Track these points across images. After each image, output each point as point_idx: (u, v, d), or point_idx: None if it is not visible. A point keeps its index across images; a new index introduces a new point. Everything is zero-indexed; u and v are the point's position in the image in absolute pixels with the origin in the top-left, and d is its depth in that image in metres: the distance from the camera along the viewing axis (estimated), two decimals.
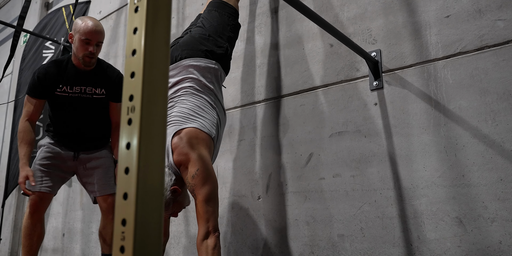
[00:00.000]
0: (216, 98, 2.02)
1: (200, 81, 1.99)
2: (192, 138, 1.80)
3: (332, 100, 2.15)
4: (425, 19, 1.89)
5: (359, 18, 2.11)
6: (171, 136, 1.82)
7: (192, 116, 1.88)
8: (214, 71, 2.05)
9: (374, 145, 1.96)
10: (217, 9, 2.18)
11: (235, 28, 2.20)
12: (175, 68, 2.05)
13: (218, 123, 1.97)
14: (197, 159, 1.74)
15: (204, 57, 2.04)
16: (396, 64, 1.95)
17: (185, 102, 1.94)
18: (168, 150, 1.81)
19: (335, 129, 2.11)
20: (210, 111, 1.95)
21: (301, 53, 2.32)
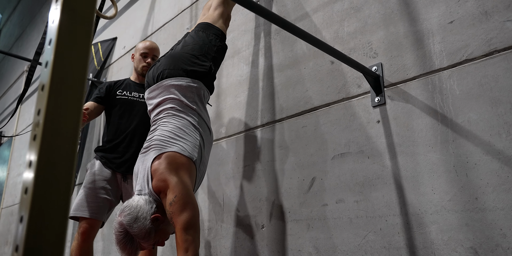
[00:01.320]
0: (200, 118, 1.86)
1: (181, 102, 1.84)
2: (171, 163, 1.64)
3: (333, 119, 1.93)
4: (427, 27, 1.67)
5: (359, 32, 1.92)
6: (151, 161, 1.67)
7: (173, 139, 1.72)
8: (196, 90, 1.90)
9: (378, 167, 1.71)
10: (204, 30, 2.06)
11: (221, 50, 2.06)
12: (156, 88, 1.91)
13: (201, 145, 1.80)
14: (175, 185, 1.57)
15: (185, 76, 1.89)
16: (398, 78, 1.73)
17: (166, 124, 1.79)
18: (147, 176, 1.65)
19: (338, 151, 1.87)
20: (192, 133, 1.78)
21: (303, 73, 2.14)
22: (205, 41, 2.01)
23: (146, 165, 1.68)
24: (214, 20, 2.11)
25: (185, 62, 1.93)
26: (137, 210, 1.56)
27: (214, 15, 2.14)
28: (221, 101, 2.63)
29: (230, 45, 2.66)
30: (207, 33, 2.04)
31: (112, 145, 2.39)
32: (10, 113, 7.50)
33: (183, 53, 1.97)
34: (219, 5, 2.17)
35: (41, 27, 7.12)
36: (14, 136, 6.78)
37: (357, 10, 1.94)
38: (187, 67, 1.91)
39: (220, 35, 2.07)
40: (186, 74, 1.89)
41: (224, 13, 2.18)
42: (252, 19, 2.54)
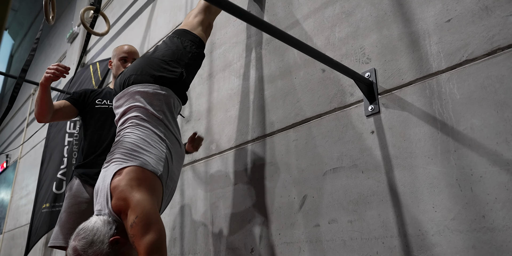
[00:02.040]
0: (166, 129, 1.67)
1: (147, 110, 1.66)
2: (132, 179, 1.45)
3: (325, 131, 1.75)
4: (422, 27, 1.50)
5: (351, 37, 1.76)
6: (111, 177, 1.47)
7: (135, 152, 1.54)
8: (164, 98, 1.71)
9: (373, 182, 1.51)
10: (179, 36, 1.90)
11: (197, 57, 1.89)
12: (122, 96, 1.74)
13: (167, 158, 1.61)
14: (137, 204, 1.37)
15: (153, 83, 1.71)
16: (393, 83, 1.55)
17: (129, 135, 1.60)
18: (107, 194, 1.45)
19: (330, 165, 1.69)
20: (157, 144, 1.60)
21: (293, 83, 1.98)
22: (178, 47, 1.85)
23: (106, 181, 1.48)
24: (192, 27, 1.96)
25: (154, 68, 1.75)
26: (93, 233, 1.35)
27: (193, 22, 1.99)
28: (212, 116, 2.47)
29: (222, 58, 2.53)
30: (182, 39, 1.88)
31: (93, 158, 2.16)
32: (18, 135, 7.45)
33: (153, 58, 1.80)
34: (199, 12, 2.03)
35: (48, 51, 7.14)
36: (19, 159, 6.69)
37: (349, 14, 1.79)
38: (155, 72, 1.74)
39: (197, 42, 1.91)
40: (153, 80, 1.72)
41: (204, 21, 2.02)
42: (244, 30, 2.40)
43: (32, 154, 6.17)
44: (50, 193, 3.88)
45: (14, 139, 7.75)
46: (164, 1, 3.48)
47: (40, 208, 3.91)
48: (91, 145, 2.19)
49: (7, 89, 10.28)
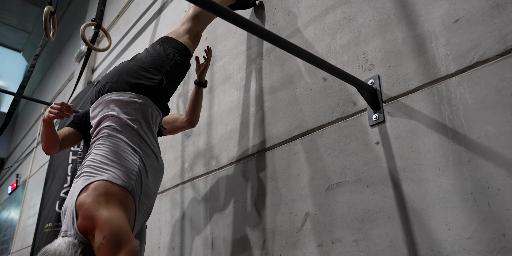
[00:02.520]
0: (141, 140, 1.54)
1: (120, 120, 1.54)
2: (100, 195, 1.30)
3: (327, 144, 1.63)
4: (429, 29, 1.39)
5: (353, 43, 1.65)
6: (77, 194, 1.33)
7: (104, 164, 1.40)
8: (140, 106, 1.59)
9: (379, 197, 1.38)
10: (162, 44, 1.79)
11: (181, 65, 1.76)
12: (97, 105, 1.61)
13: (140, 172, 1.47)
14: (104, 222, 1.23)
15: (129, 91, 1.59)
16: (398, 90, 1.43)
17: (100, 147, 1.47)
18: (73, 213, 1.30)
19: (333, 180, 1.55)
20: (129, 156, 1.46)
21: (294, 94, 1.86)
22: (160, 54, 1.74)
23: (73, 199, 1.34)
24: (178, 35, 1.84)
25: (131, 75, 1.63)
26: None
27: (180, 30, 1.88)
28: (212, 131, 2.36)
29: (222, 71, 2.43)
30: (165, 46, 1.77)
31: None
32: (28, 155, 7.42)
33: (131, 65, 1.69)
34: (187, 21, 1.92)
35: (58, 71, 7.17)
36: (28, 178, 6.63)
37: (350, 19, 1.69)
38: (132, 80, 1.61)
39: (181, 49, 1.79)
40: (130, 87, 1.60)
41: (191, 29, 1.91)
42: (244, 41, 2.31)
43: (40, 173, 6.10)
44: (53, 213, 3.77)
45: (25, 159, 7.72)
46: (167, 17, 3.43)
47: (43, 228, 3.80)
48: None
49: (20, 109, 10.35)
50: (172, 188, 2.57)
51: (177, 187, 2.52)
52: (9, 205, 7.79)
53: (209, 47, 2.13)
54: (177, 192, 2.51)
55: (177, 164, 2.60)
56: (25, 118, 9.31)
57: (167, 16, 3.44)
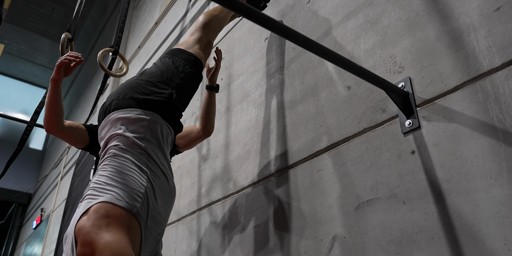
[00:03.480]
0: (149, 159, 1.38)
1: (127, 138, 1.39)
2: (100, 217, 1.13)
3: (355, 157, 1.43)
4: (465, 21, 1.21)
5: (378, 47, 1.48)
6: (78, 218, 1.17)
7: (108, 185, 1.24)
8: (149, 124, 1.45)
9: (419, 215, 1.16)
10: (171, 56, 1.66)
11: (192, 77, 1.63)
12: (104, 125, 1.48)
13: (147, 193, 1.29)
14: (104, 248, 1.05)
15: (136, 107, 1.46)
16: (434, 91, 1.24)
17: (105, 168, 1.32)
18: (72, 240, 1.13)
19: (362, 197, 1.35)
20: (135, 176, 1.30)
21: (316, 106, 1.69)
22: (169, 67, 1.61)
23: (73, 224, 1.18)
24: (188, 45, 1.72)
25: (138, 90, 1.51)
26: None
27: (189, 40, 1.75)
28: (229, 153, 2.19)
29: (239, 89, 2.29)
30: (174, 58, 1.64)
31: None
32: (53, 190, 7.37)
33: (138, 80, 1.56)
34: (197, 30, 1.80)
35: (83, 106, 7.22)
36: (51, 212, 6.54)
37: (374, 22, 1.53)
38: (139, 95, 1.49)
39: (192, 60, 1.66)
40: (137, 104, 1.47)
41: (202, 39, 1.78)
42: (262, 57, 2.18)
43: (63, 207, 6.00)
44: None
45: (49, 194, 7.68)
46: None
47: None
48: None
49: (48, 145, 10.46)
50: (189, 216, 2.38)
51: (194, 214, 2.33)
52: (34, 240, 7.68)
53: (219, 48, 2.01)
54: (193, 220, 2.32)
55: (193, 190, 2.42)
56: (52, 153, 9.38)
57: None
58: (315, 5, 1.89)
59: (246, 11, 0.98)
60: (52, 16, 8.22)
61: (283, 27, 1.05)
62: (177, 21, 3.72)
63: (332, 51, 1.13)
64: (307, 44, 1.10)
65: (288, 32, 1.06)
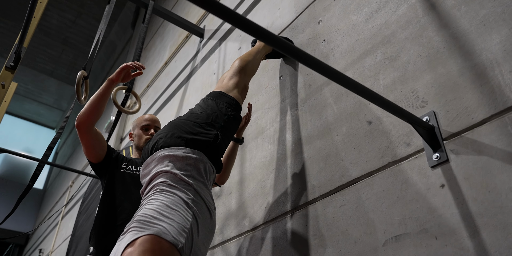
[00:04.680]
0: (197, 196, 1.38)
1: (175, 175, 1.40)
2: (146, 251, 1.10)
3: (379, 192, 1.41)
4: (488, 57, 1.24)
5: (399, 82, 1.50)
6: (123, 249, 1.13)
7: (155, 219, 1.22)
8: (195, 162, 1.46)
9: (453, 251, 1.12)
10: (214, 98, 1.71)
11: (234, 120, 1.68)
12: (150, 162, 1.49)
13: (192, 229, 1.27)
14: None
15: (184, 146, 1.48)
16: (461, 125, 1.24)
17: (152, 202, 1.31)
18: None
19: (390, 233, 1.31)
20: (182, 212, 1.28)
21: (335, 141, 1.68)
22: (213, 109, 1.65)
23: (117, 255, 1.15)
24: (227, 89, 1.77)
25: (186, 130, 1.54)
26: None
27: (229, 84, 1.81)
28: (244, 189, 2.16)
29: (253, 126, 2.30)
30: (217, 101, 1.69)
31: (112, 228, 1.80)
32: (52, 230, 7.20)
33: (185, 120, 1.60)
34: (234, 74, 1.86)
35: None
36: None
37: (393, 59, 1.56)
38: (187, 135, 1.51)
39: (233, 104, 1.72)
40: (185, 143, 1.49)
41: (240, 83, 1.85)
42: (277, 94, 2.20)
43: (63, 247, 5.83)
44: None
45: (49, 234, 7.49)
46: (196, 81, 3.42)
47: None
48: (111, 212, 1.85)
49: (48, 184, 10.34)
50: None
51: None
52: None
53: (250, 103, 2.08)
54: None
55: None
56: (53, 192, 9.25)
57: (196, 80, 3.42)
58: (331, 44, 1.93)
59: (281, 45, 1.00)
60: (60, 57, 8.40)
61: (313, 60, 1.07)
62: (187, 61, 3.79)
63: (359, 83, 1.15)
64: (336, 76, 1.11)
65: (319, 65, 1.07)
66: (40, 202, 10.39)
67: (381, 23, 1.69)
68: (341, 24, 1.92)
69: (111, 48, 7.67)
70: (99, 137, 1.88)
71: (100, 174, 1.97)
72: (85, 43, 8.05)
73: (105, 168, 1.94)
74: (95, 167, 1.94)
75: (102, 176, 1.98)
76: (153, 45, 5.29)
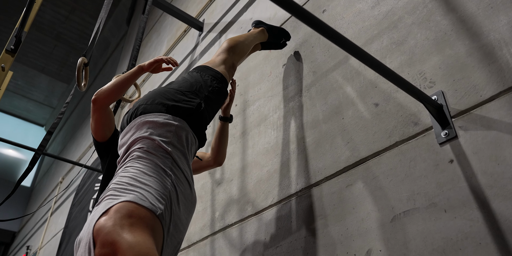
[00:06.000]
0: (174, 164, 1.33)
1: (153, 141, 1.36)
2: (123, 217, 1.05)
3: (387, 170, 1.43)
4: (496, 37, 1.27)
5: (406, 65, 1.53)
6: (96, 219, 1.07)
7: (131, 186, 1.17)
8: (176, 129, 1.42)
9: (463, 222, 1.15)
10: (199, 71, 1.70)
11: (219, 92, 1.66)
12: (129, 130, 1.46)
13: (170, 197, 1.23)
14: (127, 248, 0.97)
15: (164, 112, 1.45)
16: (469, 102, 1.27)
17: (128, 170, 1.26)
18: (89, 242, 1.03)
19: (398, 209, 1.33)
20: (160, 179, 1.24)
21: (341, 124, 1.71)
22: (198, 80, 1.63)
23: (90, 225, 1.08)
24: (214, 64, 1.77)
25: (167, 97, 1.51)
26: None
27: (216, 60, 1.81)
28: (247, 175, 2.17)
29: (256, 114, 2.31)
30: (202, 73, 1.68)
31: None
32: (41, 227, 7.11)
33: (167, 88, 1.57)
34: (222, 52, 1.86)
35: (80, 141, 7.15)
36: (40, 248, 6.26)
37: (400, 43, 1.60)
38: (168, 102, 1.48)
39: (219, 77, 1.70)
40: (165, 109, 1.45)
41: (227, 60, 1.84)
42: (279, 83, 2.22)
43: (52, 243, 5.77)
44: None
45: (37, 231, 7.39)
46: None
47: None
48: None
49: (36, 182, 10.20)
50: (200, 241, 2.31)
51: (207, 239, 2.26)
52: None
53: (234, 79, 2.06)
54: (206, 245, 2.24)
55: (206, 215, 2.37)
56: (41, 190, 9.14)
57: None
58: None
59: (295, 9, 1.02)
60: (52, 53, 8.33)
61: (331, 30, 1.09)
62: (186, 55, 3.80)
63: (375, 59, 1.17)
64: (352, 49, 1.13)
65: (335, 35, 1.10)
66: (27, 200, 10.25)
67: (387, 10, 1.72)
68: (346, 12, 1.95)
69: (105, 45, 7.63)
70: (111, 117, 1.87)
71: (102, 154, 1.97)
72: (78, 39, 8.00)
73: (108, 148, 1.94)
74: (99, 146, 1.94)
75: (103, 156, 1.97)
76: (149, 40, 5.28)
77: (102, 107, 1.73)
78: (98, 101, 1.71)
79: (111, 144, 1.95)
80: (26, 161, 10.52)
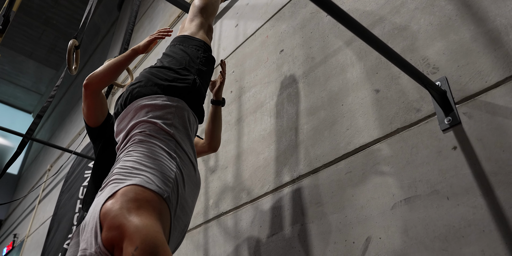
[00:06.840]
0: (178, 146, 1.31)
1: (154, 124, 1.32)
2: (129, 200, 1.04)
3: (388, 156, 1.41)
4: (502, 22, 1.25)
5: (408, 50, 1.51)
6: (102, 203, 1.06)
7: (136, 169, 1.15)
8: (176, 110, 1.39)
9: (466, 209, 1.14)
10: (181, 43, 1.64)
11: (208, 62, 1.61)
12: (125, 115, 1.41)
13: (177, 180, 1.21)
14: (135, 231, 0.96)
15: (161, 94, 1.40)
16: (474, 88, 1.26)
17: (131, 154, 1.23)
18: (96, 226, 1.02)
19: (399, 196, 1.32)
20: (165, 161, 1.22)
21: (341, 111, 1.69)
22: (183, 54, 1.58)
23: (96, 209, 1.07)
24: (192, 32, 1.70)
25: (161, 77, 1.45)
26: None
27: (191, 27, 1.74)
28: (242, 162, 2.14)
29: (252, 100, 2.28)
30: (185, 45, 1.62)
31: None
32: (28, 214, 7.05)
33: (158, 68, 1.52)
34: (195, 16, 1.79)
35: (68, 128, 7.06)
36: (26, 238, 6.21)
37: (402, 29, 1.57)
38: (163, 82, 1.43)
39: (202, 46, 1.65)
40: (162, 91, 1.41)
41: (203, 24, 1.78)
42: (277, 69, 2.19)
43: (40, 231, 5.71)
44: None
45: (24, 218, 7.32)
46: None
47: None
48: (105, 176, 1.80)
49: (24, 169, 10.08)
50: (193, 229, 2.29)
51: (200, 227, 2.24)
52: None
53: (223, 60, 2.01)
54: (199, 233, 2.22)
55: (200, 202, 2.34)
56: (29, 177, 9.04)
57: None
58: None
59: None
60: (40, 38, 8.17)
61: (342, 11, 1.06)
62: None
63: (381, 41, 1.14)
64: (359, 30, 1.11)
65: (344, 17, 1.07)
66: (14, 188, 10.14)
67: None
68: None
69: (95, 31, 7.50)
70: (104, 102, 1.82)
71: (94, 139, 1.92)
72: (67, 24, 7.85)
73: (101, 133, 1.90)
74: (92, 131, 1.89)
75: (96, 140, 1.92)
76: (141, 26, 5.19)
77: (94, 92, 1.68)
78: (90, 86, 1.66)
79: (104, 129, 1.91)
80: (13, 148, 10.39)
